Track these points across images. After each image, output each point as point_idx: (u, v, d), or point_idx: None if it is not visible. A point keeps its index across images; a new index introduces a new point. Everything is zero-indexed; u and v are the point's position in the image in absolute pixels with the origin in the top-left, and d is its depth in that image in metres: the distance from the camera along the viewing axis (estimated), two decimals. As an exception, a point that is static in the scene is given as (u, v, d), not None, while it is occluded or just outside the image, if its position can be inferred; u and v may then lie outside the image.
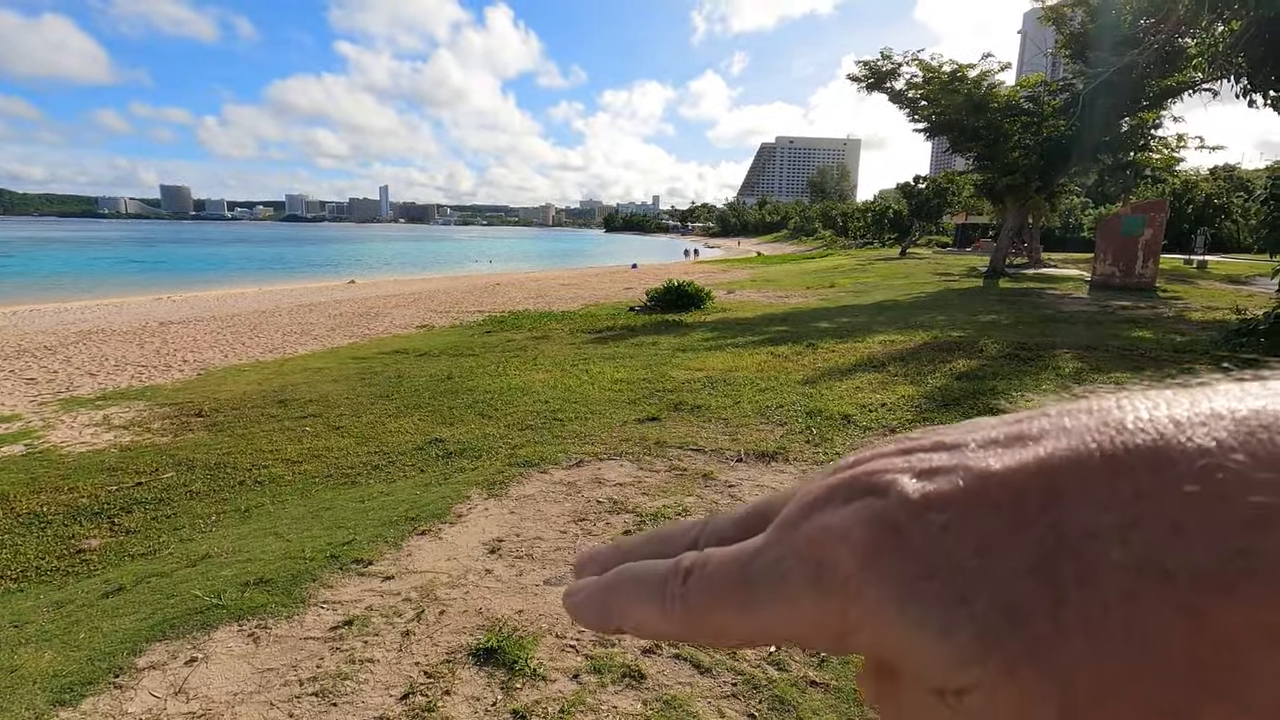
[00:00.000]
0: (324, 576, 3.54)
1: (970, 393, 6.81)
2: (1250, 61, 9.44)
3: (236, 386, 9.80)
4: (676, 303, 17.89)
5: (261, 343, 14.71)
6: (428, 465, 5.74)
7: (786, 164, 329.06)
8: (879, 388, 7.32)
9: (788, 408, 6.83)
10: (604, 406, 7.33)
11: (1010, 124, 21.84)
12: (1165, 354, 8.52)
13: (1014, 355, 8.52)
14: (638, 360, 10.17)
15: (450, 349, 12.56)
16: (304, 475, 5.74)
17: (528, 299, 24.44)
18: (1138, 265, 20.05)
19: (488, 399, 7.97)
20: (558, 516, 4.28)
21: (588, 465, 5.30)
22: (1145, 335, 10.80)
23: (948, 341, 10.04)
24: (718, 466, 5.15)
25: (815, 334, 12.12)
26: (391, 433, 6.85)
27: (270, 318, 19.46)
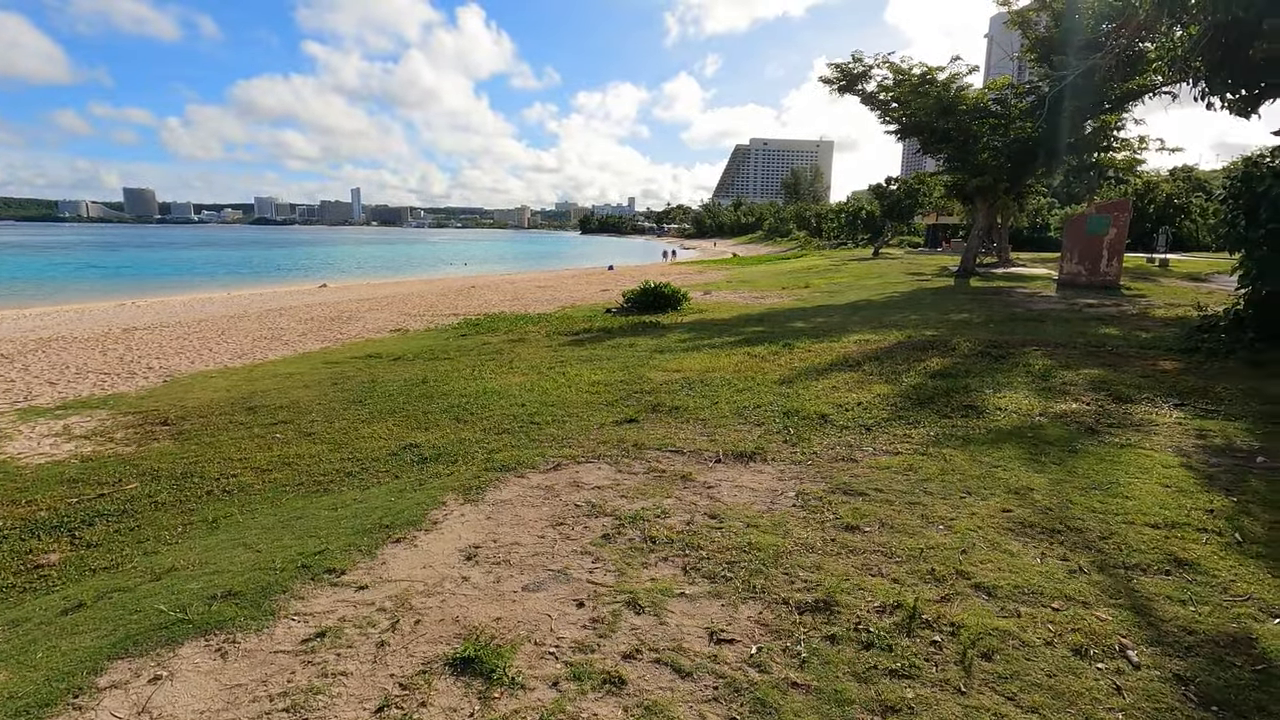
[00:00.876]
0: (295, 587, 3.45)
1: (944, 390, 6.88)
2: (1207, 65, 9.69)
3: (204, 393, 9.56)
4: (653, 304, 17.88)
5: (230, 348, 14.39)
6: (402, 471, 5.64)
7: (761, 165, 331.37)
8: (855, 387, 7.37)
9: (765, 408, 6.84)
10: (581, 409, 7.28)
11: (979, 126, 22.21)
12: (1131, 350, 8.70)
13: (985, 353, 8.64)
14: (615, 362, 10.13)
15: (425, 353, 12.40)
16: (274, 484, 5.61)
17: (503, 301, 24.25)
18: (1103, 264, 20.50)
19: (463, 403, 7.87)
20: (535, 521, 4.22)
21: (565, 468, 5.24)
22: (1112, 332, 11.03)
23: (921, 340, 10.16)
24: (696, 467, 5.13)
25: (791, 334, 12.19)
26: (365, 438, 6.73)
27: (239, 323, 19.06)
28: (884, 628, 2.90)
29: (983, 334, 10.92)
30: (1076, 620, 2.91)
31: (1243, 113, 9.75)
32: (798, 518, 4.10)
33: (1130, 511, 3.96)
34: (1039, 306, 15.98)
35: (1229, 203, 8.31)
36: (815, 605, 3.10)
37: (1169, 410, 6.00)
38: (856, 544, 3.71)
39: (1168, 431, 5.43)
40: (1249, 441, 5.15)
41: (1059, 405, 6.24)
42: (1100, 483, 4.39)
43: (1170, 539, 3.62)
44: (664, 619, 3.05)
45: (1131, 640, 2.77)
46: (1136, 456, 4.85)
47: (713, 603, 3.18)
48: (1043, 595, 3.12)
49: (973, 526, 3.85)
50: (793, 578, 3.37)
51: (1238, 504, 4.03)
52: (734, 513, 4.21)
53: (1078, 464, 4.75)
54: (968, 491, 4.37)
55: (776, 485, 4.69)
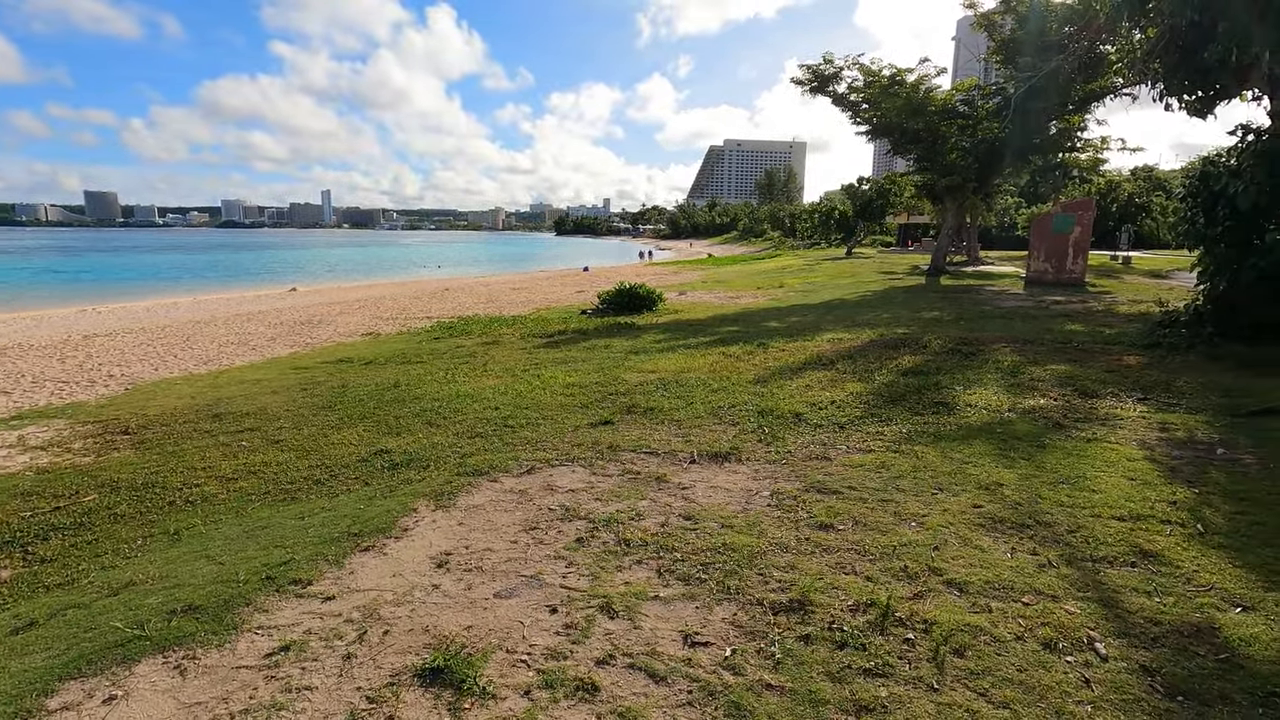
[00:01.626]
0: (259, 600, 3.35)
1: (916, 388, 6.95)
2: (1165, 67, 9.94)
3: (167, 401, 9.31)
4: (629, 305, 17.85)
5: (195, 354, 14.04)
6: (372, 478, 5.53)
7: (735, 166, 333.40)
8: (829, 385, 7.41)
9: (740, 407, 6.85)
10: (556, 412, 7.22)
11: (947, 126, 22.56)
12: (1096, 346, 8.88)
13: (956, 350, 8.75)
14: (590, 364, 10.08)
15: (397, 356, 12.23)
16: (239, 493, 5.47)
17: (478, 304, 24.03)
18: (1069, 262, 20.94)
19: (436, 407, 7.76)
20: (508, 526, 4.16)
21: (539, 472, 5.19)
22: (1077, 329, 11.25)
23: (893, 338, 10.26)
24: (671, 469, 5.11)
25: (766, 334, 12.24)
26: (334, 445, 6.59)
27: (205, 328, 18.62)
28: (858, 626, 2.90)
29: (953, 331, 11.07)
30: (1046, 614, 2.94)
31: (1199, 113, 10.01)
32: (772, 517, 4.09)
33: (1097, 505, 4.02)
34: (1007, 304, 16.26)
35: (1188, 201, 8.53)
36: (789, 605, 3.09)
37: (1133, 404, 6.13)
38: (830, 542, 3.71)
39: (1132, 425, 5.54)
40: (1209, 434, 5.28)
41: (1027, 401, 6.33)
42: (1068, 477, 4.46)
43: (1135, 531, 3.68)
44: (638, 623, 3.02)
45: (1099, 633, 2.80)
46: (1102, 450, 4.94)
47: (687, 605, 3.15)
48: (1013, 590, 3.15)
49: (944, 523, 3.88)
50: (767, 578, 3.35)
51: (1199, 495, 4.12)
52: (709, 514, 4.19)
53: (1046, 459, 4.82)
54: (939, 488, 4.41)
55: (751, 485, 4.69)
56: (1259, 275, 7.49)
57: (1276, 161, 7.47)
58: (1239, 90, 9.44)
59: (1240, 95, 9.79)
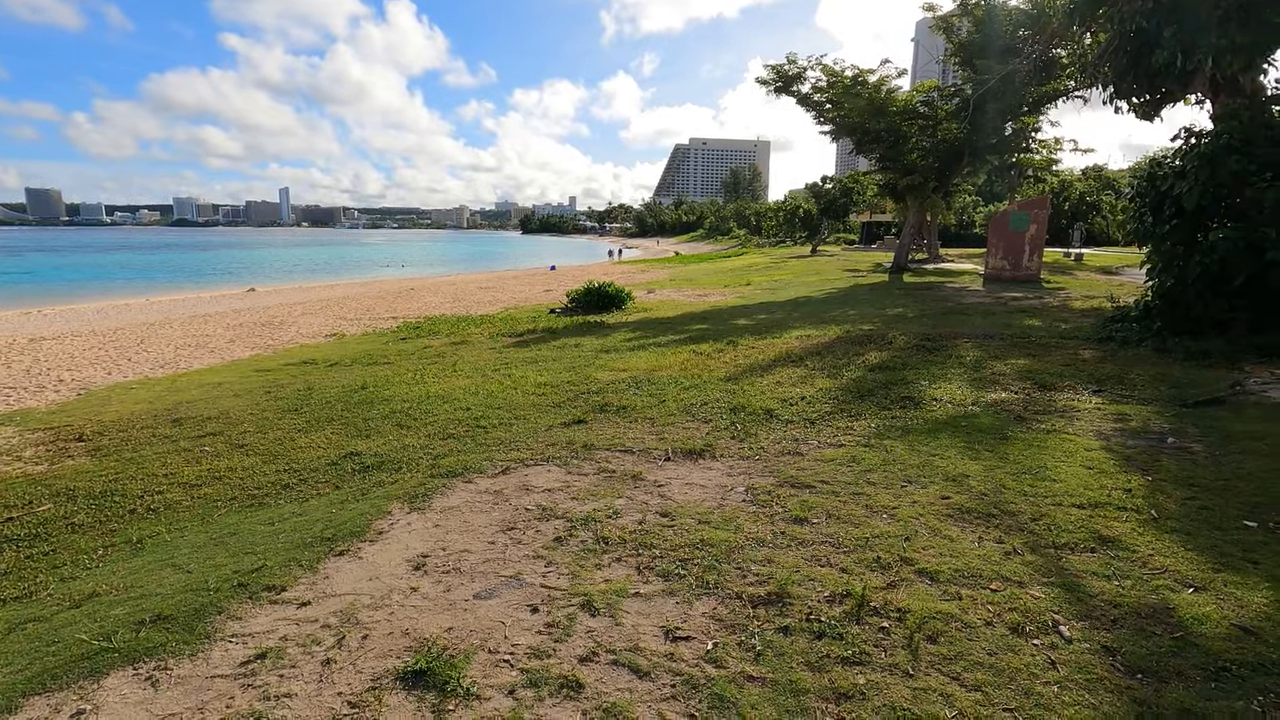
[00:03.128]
0: (231, 608, 3.28)
1: (883, 383, 7.11)
2: (1115, 71, 10.31)
3: (123, 406, 9.02)
4: (597, 304, 17.85)
5: (151, 357, 13.61)
6: (344, 481, 5.45)
7: (700, 165, 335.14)
8: (799, 382, 7.53)
9: (712, 404, 6.92)
10: (528, 411, 7.20)
11: (908, 127, 23.04)
12: (1053, 341, 9.19)
13: (921, 346, 8.97)
14: (561, 363, 10.06)
15: (363, 358, 12.04)
16: (204, 499, 5.33)
17: (444, 303, 23.76)
18: (1025, 259, 21.56)
19: (406, 409, 7.67)
20: (485, 527, 4.15)
21: (514, 472, 5.17)
22: (1035, 324, 11.62)
23: (860, 335, 10.46)
24: (646, 466, 5.14)
25: (735, 331, 12.36)
26: (302, 448, 6.47)
27: (160, 330, 18.05)
28: (834, 617, 2.97)
29: (917, 327, 11.33)
30: (1013, 600, 3.05)
31: (1147, 116, 10.42)
32: (748, 512, 4.15)
33: (1058, 494, 4.18)
34: (968, 300, 16.69)
35: (1136, 200, 8.88)
36: (768, 598, 3.15)
37: (1089, 397, 6.37)
38: (805, 536, 3.79)
39: (1089, 417, 5.76)
40: (1160, 424, 5.51)
41: (990, 395, 6.53)
42: (1030, 468, 4.62)
43: (1094, 518, 3.84)
44: (619, 620, 3.05)
45: (1063, 616, 2.92)
46: (1062, 442, 5.12)
47: (667, 601, 3.19)
48: (981, 577, 3.26)
49: (914, 514, 3.98)
50: (745, 572, 3.41)
51: (1153, 483, 4.31)
52: (685, 510, 4.23)
53: (1009, 450, 4.99)
54: (908, 480, 4.53)
55: (726, 481, 4.75)
56: (1202, 272, 7.84)
57: (1218, 163, 7.82)
58: (1183, 94, 9.85)
59: (1184, 99, 10.21)
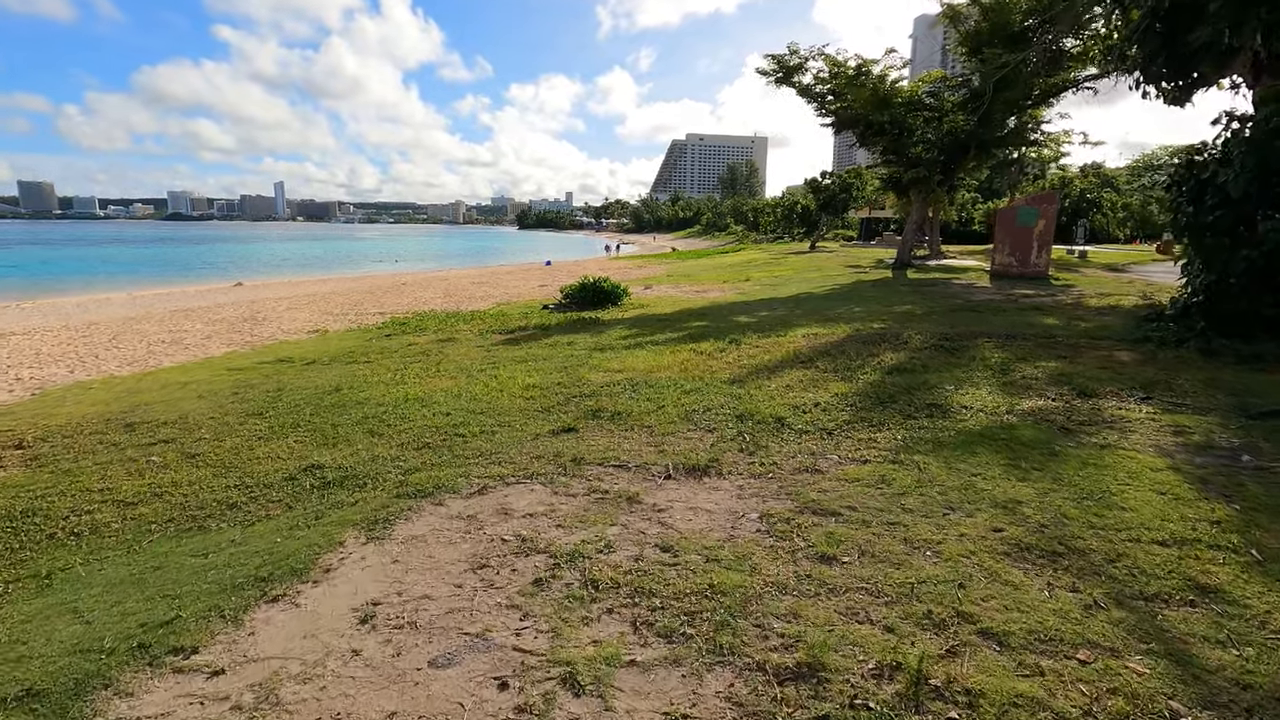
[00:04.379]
0: (122, 679, 2.62)
1: (904, 388, 6.46)
2: (1144, 54, 9.66)
3: (77, 408, 8.32)
4: (592, 300, 17.17)
5: (121, 354, 12.90)
6: (298, 500, 4.78)
7: (697, 160, 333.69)
8: (810, 386, 6.88)
9: (716, 411, 6.27)
10: (514, 417, 6.54)
11: (914, 119, 22.38)
12: (1080, 341, 8.55)
13: (939, 347, 8.32)
14: (552, 362, 9.40)
15: (343, 356, 11.34)
16: (138, 521, 4.66)
17: (435, 299, 23.04)
18: (1033, 255, 20.94)
19: (380, 414, 6.99)
20: (452, 564, 3.49)
21: (492, 492, 4.51)
22: (1053, 322, 10.99)
23: (871, 334, 9.81)
24: (644, 486, 4.49)
25: (736, 329, 11.71)
26: (260, 459, 5.80)
27: (137, 325, 17.32)
28: (885, 701, 2.32)
29: (930, 326, 10.69)
30: (1110, 676, 2.40)
31: (1177, 101, 9.78)
32: (764, 547, 3.50)
33: (1132, 526, 3.53)
34: (977, 297, 16.06)
35: (1173, 190, 8.25)
36: (798, 670, 2.50)
37: (1137, 405, 5.73)
38: (836, 580, 3.13)
39: (1143, 429, 5.11)
40: (1228, 438, 4.88)
41: (1026, 402, 5.88)
42: (1091, 492, 3.98)
43: (1185, 560, 3.19)
44: (610, 701, 2.39)
45: (1182, 703, 2.27)
46: (1121, 459, 4.48)
47: (670, 673, 2.53)
48: (1063, 642, 2.61)
49: (964, 551, 3.34)
50: (766, 631, 2.76)
51: (1242, 513, 3.66)
52: (690, 543, 3.58)
53: (1062, 470, 4.34)
54: (950, 507, 3.88)
55: (736, 505, 4.10)
56: (1249, 265, 7.22)
57: (1266, 148, 7.19)
58: (1219, 77, 9.21)
59: (1218, 84, 9.57)
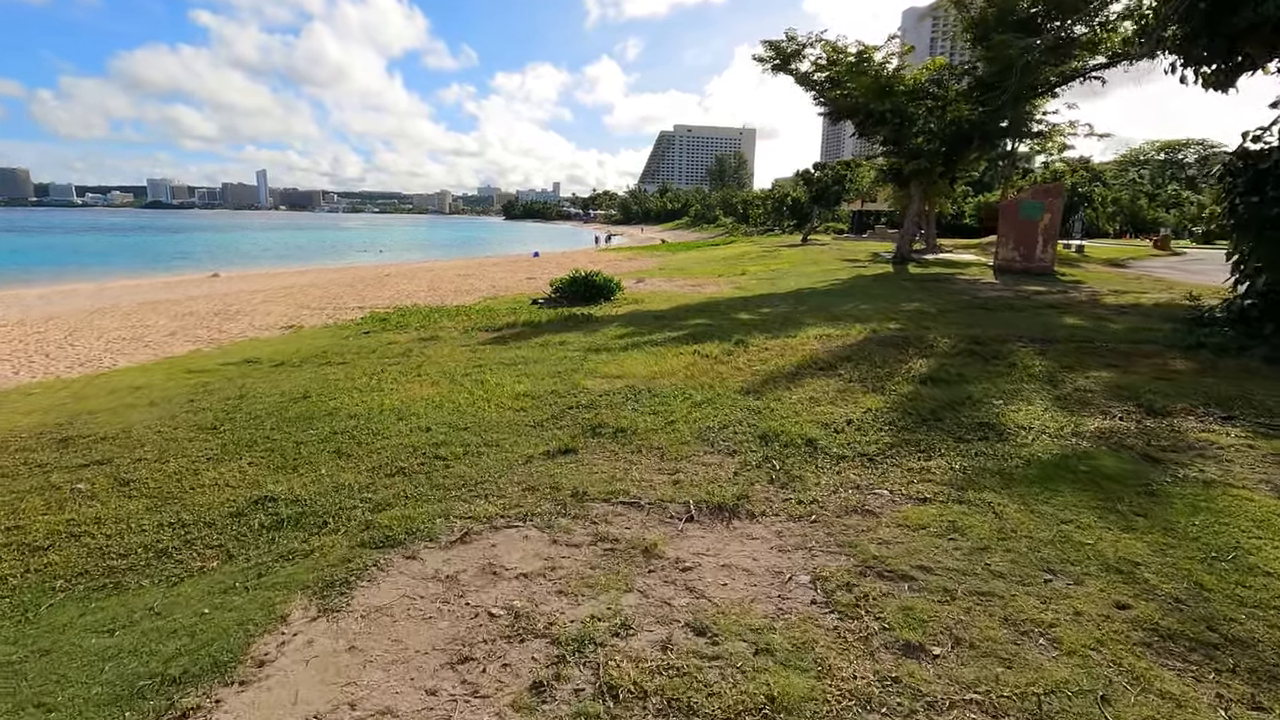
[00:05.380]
0: None
1: (946, 403, 5.71)
2: (1185, 34, 8.95)
3: (8, 419, 7.40)
4: (584, 295, 16.35)
5: (75, 353, 11.91)
6: (242, 544, 3.96)
7: (685, 152, 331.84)
8: (837, 398, 6.12)
9: (733, 428, 5.50)
10: (503, 433, 5.74)
11: (916, 108, 21.64)
12: (1122, 345, 7.85)
13: (971, 352, 7.59)
14: (544, 366, 8.59)
15: (316, 356, 10.45)
16: (43, 574, 3.81)
17: (419, 292, 22.08)
18: (1038, 250, 20.35)
19: (350, 428, 6.16)
20: (425, 654, 2.69)
21: (477, 540, 3.71)
22: (1079, 323, 10.32)
23: (892, 336, 9.07)
24: (661, 532, 3.71)
25: (740, 328, 10.95)
26: (205, 487, 4.95)
27: (98, 319, 16.26)
28: None
29: (950, 327, 9.97)
30: None
31: (1219, 86, 9.09)
32: (827, 629, 2.73)
33: (1291, 601, 2.80)
34: (986, 294, 15.40)
35: (1226, 180, 7.55)
36: None
37: (1219, 426, 5.01)
38: (933, 686, 2.37)
39: (1243, 459, 4.39)
40: (1346, 470, 4.17)
41: (1090, 421, 5.15)
42: (1219, 548, 3.24)
43: (1383, 656, 2.46)
44: None
45: None
46: (1236, 501, 3.75)
47: None
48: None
49: (1089, 640, 2.59)
50: (857, 779, 1.99)
51: None
52: (730, 621, 2.81)
53: (1171, 516, 3.60)
54: (1050, 569, 3.13)
55: (779, 561, 3.33)
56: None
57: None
58: (1269, 58, 8.51)
59: (1264, 67, 8.87)
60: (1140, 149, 77.44)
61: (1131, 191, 66.93)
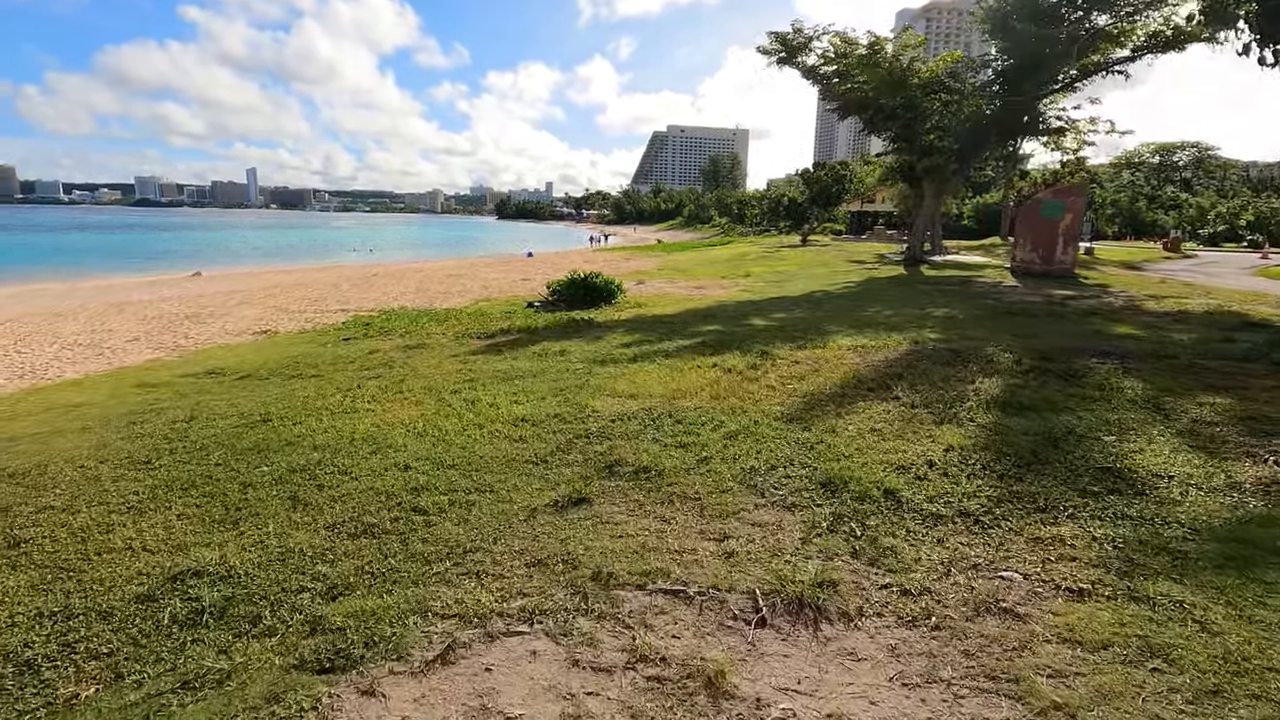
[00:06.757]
0: None
1: (1045, 439, 4.65)
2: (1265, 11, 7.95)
3: (-92, 447, 6.24)
4: (584, 298, 15.27)
5: (18, 362, 10.72)
6: (138, 658, 2.86)
7: (678, 152, 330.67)
8: (904, 430, 5.06)
9: (785, 470, 4.44)
10: (498, 473, 4.66)
11: (930, 102, 20.67)
12: (1213, 362, 6.83)
13: (1042, 370, 6.55)
14: (544, 380, 7.51)
15: (287, 367, 9.33)
16: None
17: (407, 293, 20.93)
18: (1058, 251, 19.42)
19: (313, 464, 5.06)
20: None
21: (464, 659, 2.63)
22: (1136, 333, 9.32)
23: (938, 349, 8.02)
24: (724, 645, 2.64)
25: (757, 336, 9.90)
26: (115, 552, 3.84)
27: (56, 323, 15.02)
28: None
29: (998, 336, 8.94)
30: None
31: (1303, 67, 8.10)
32: None
33: None
34: (1012, 298, 14.43)
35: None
36: None
37: None
38: None
39: None
40: None
41: (1242, 467, 4.12)
42: None
43: None
44: None
45: None
46: None
47: None
48: None
49: None
50: None
51: None
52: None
53: None
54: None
55: (910, 709, 2.26)
56: None
57: None
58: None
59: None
60: (1136, 151, 77.05)
61: (1130, 193, 66.49)
